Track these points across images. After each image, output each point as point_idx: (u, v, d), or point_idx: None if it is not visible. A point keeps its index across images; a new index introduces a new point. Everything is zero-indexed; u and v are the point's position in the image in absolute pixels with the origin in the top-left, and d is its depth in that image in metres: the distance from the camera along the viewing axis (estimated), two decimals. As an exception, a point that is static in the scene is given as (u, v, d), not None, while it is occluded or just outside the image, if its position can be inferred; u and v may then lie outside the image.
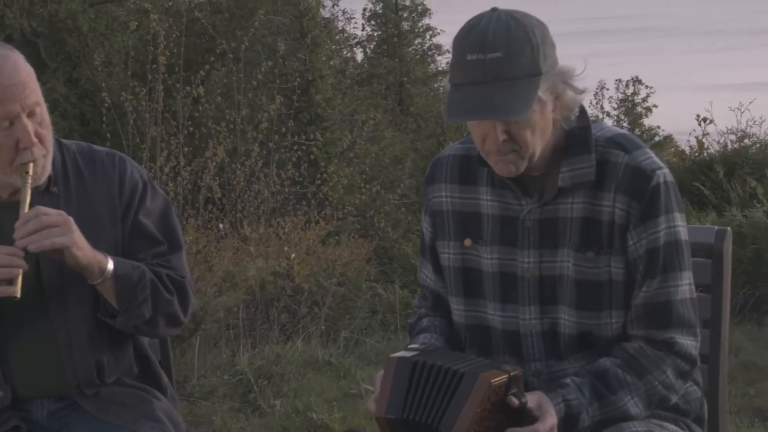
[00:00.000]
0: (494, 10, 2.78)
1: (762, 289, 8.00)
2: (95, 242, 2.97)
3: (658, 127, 33.88)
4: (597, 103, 36.73)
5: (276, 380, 7.09)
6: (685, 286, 2.90)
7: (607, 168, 2.85)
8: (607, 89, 36.78)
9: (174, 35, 11.04)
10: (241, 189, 10.35)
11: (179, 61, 10.33)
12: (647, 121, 34.65)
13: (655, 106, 33.89)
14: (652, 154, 2.89)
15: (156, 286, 3.07)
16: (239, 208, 10.27)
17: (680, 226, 2.88)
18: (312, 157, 19.34)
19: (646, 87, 35.63)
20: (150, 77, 10.22)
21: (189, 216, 9.85)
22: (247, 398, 6.90)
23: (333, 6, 25.17)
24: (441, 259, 3.07)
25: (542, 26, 2.77)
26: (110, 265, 2.97)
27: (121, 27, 25.74)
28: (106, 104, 10.36)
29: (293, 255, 7.74)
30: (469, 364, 2.76)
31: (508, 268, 2.95)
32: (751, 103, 9.96)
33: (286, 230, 8.77)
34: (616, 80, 36.12)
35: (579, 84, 2.83)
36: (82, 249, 2.90)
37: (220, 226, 8.51)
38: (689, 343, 2.89)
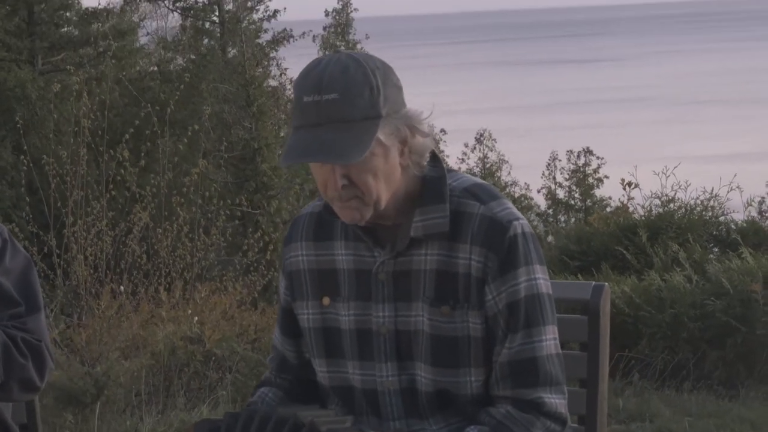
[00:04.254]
0: (337, 52, 2.71)
1: (681, 354, 7.93)
2: None
3: (610, 198, 33.87)
4: (550, 174, 36.80)
5: (179, 448, 6.90)
6: (550, 341, 2.77)
7: (463, 219, 2.73)
8: (560, 160, 36.80)
9: (98, 100, 10.95)
10: (166, 254, 10.22)
11: (100, 130, 10.20)
12: (599, 192, 34.73)
13: (606, 177, 33.98)
14: (509, 204, 2.78)
15: (9, 349, 2.94)
16: (164, 273, 10.14)
17: (541, 278, 2.76)
18: (257, 226, 19.20)
19: (597, 158, 35.77)
20: (72, 140, 10.14)
21: (111, 281, 9.71)
22: (148, 466, 6.71)
23: (281, 75, 25.21)
24: (300, 321, 2.93)
25: (386, 68, 2.67)
26: None
27: (70, 95, 25.75)
28: (25, 167, 10.26)
29: (196, 318, 7.61)
30: (328, 419, 2.60)
31: (363, 323, 2.82)
32: (675, 167, 9.92)
33: (203, 295, 8.64)
34: (568, 151, 36.23)
35: (425, 127, 2.72)
36: None
37: (121, 288, 8.36)
38: (557, 401, 2.77)
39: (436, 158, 2.80)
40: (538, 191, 36.21)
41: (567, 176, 36.02)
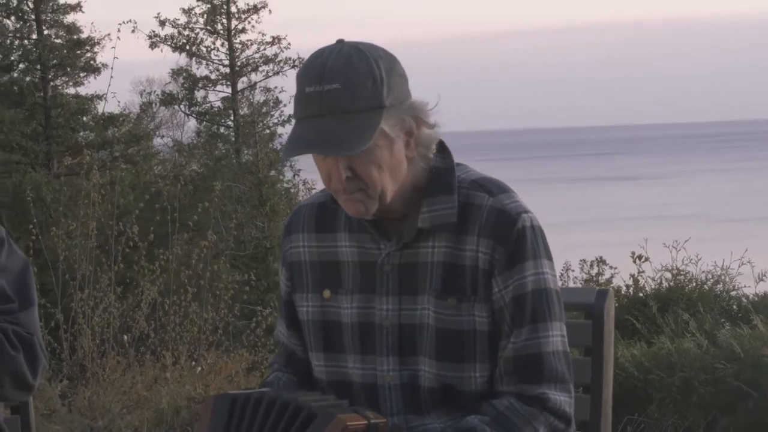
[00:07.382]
0: (339, 41, 2.68)
1: (691, 418, 7.81)
2: None
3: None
4: (563, 284, 36.71)
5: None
6: (556, 337, 2.73)
7: (471, 211, 2.71)
8: (572, 270, 36.76)
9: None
10: (173, 329, 10.19)
11: (109, 216, 10.24)
12: (612, 302, 34.73)
13: (620, 286, 33.94)
14: (518, 197, 2.76)
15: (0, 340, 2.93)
16: (171, 347, 10.10)
17: (549, 273, 2.74)
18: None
19: (611, 267, 35.72)
20: (82, 212, 10.21)
21: (118, 354, 9.67)
22: None
23: (294, 176, 25.42)
24: (299, 313, 2.89)
25: (390, 58, 2.66)
26: None
27: (84, 199, 25.96)
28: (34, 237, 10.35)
29: (199, 368, 7.55)
30: (326, 403, 2.61)
31: (366, 317, 2.78)
32: (686, 241, 9.89)
33: (209, 362, 8.60)
34: (581, 260, 36.18)
35: (431, 119, 2.71)
36: None
37: (125, 337, 8.33)
38: (563, 399, 2.71)
39: (444, 149, 2.78)
40: (552, 302, 36.07)
41: (580, 285, 35.97)
